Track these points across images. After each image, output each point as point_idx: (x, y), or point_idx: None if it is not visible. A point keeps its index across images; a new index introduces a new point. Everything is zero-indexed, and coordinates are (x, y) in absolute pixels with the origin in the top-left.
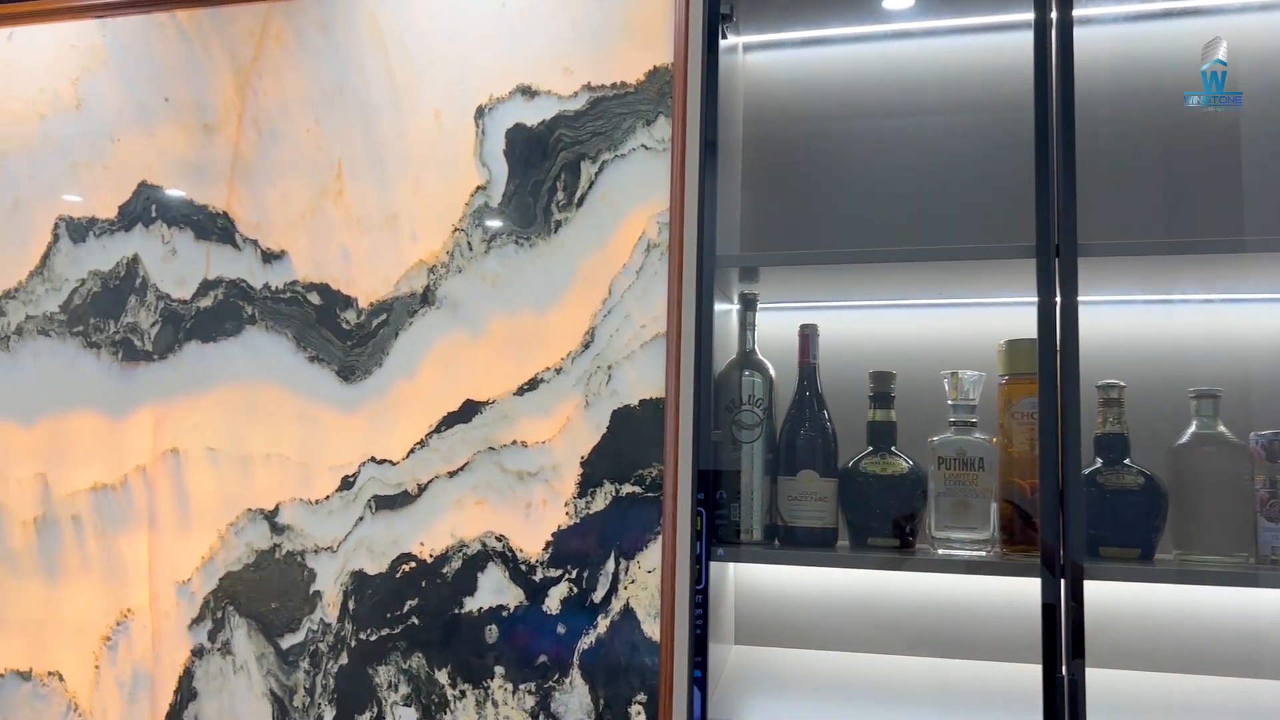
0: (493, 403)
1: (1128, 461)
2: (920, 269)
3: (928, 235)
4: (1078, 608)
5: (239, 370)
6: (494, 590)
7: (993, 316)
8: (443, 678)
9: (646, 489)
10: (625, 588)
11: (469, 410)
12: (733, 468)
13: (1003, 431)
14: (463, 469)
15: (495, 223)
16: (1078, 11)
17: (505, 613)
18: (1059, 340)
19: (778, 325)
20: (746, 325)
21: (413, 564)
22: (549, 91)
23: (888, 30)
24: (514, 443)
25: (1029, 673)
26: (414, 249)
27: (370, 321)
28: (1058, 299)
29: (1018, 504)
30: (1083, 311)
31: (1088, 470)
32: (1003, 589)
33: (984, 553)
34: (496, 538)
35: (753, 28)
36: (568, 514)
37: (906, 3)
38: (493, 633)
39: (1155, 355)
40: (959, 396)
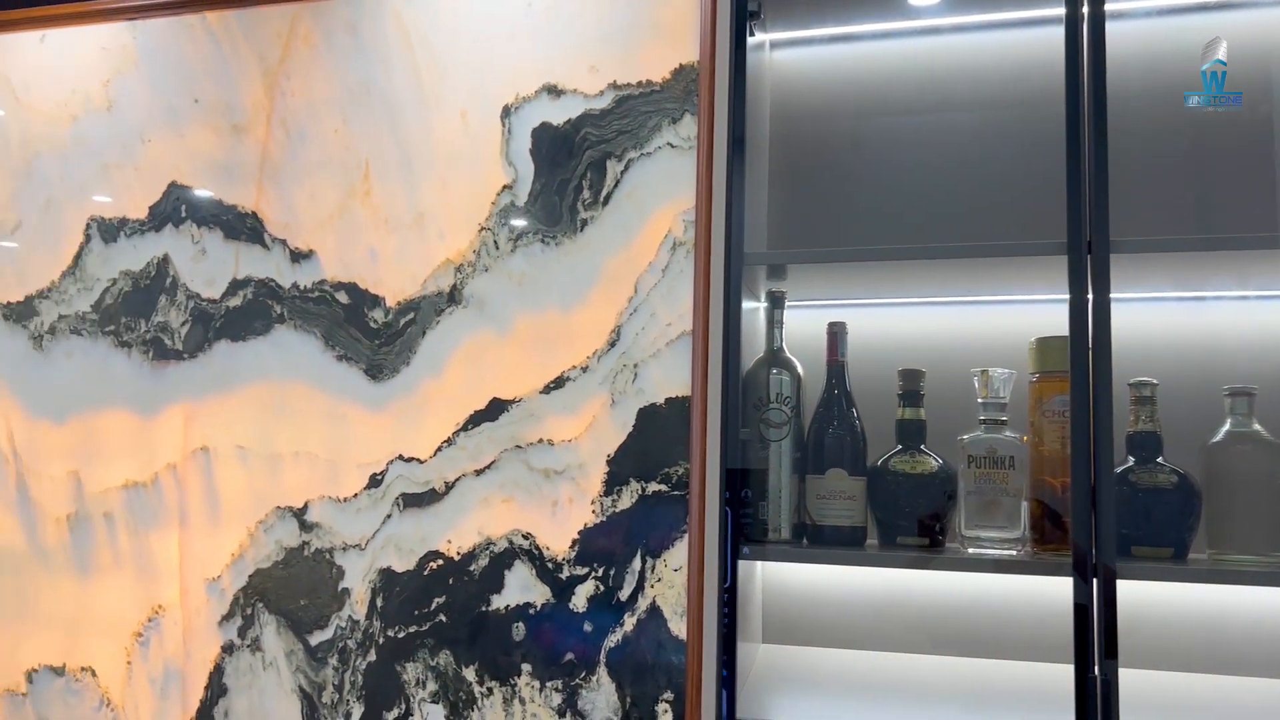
0: (519, 401)
1: (1160, 460)
2: (950, 266)
3: (956, 232)
4: (1110, 608)
5: (268, 369)
6: (521, 588)
7: (1023, 314)
8: (470, 675)
9: (673, 487)
10: (652, 586)
11: (496, 409)
12: (760, 466)
13: (1033, 430)
14: (489, 467)
15: (521, 222)
16: (1110, 6)
17: (532, 610)
18: (1091, 337)
19: (806, 323)
20: (774, 323)
21: (440, 561)
22: (575, 90)
23: (916, 26)
24: (540, 441)
25: (1060, 673)
26: (441, 248)
27: (398, 320)
28: (1090, 295)
29: (1048, 503)
30: (1115, 308)
31: (1120, 469)
32: (1033, 588)
33: (1014, 552)
34: (523, 536)
35: (779, 25)
36: (594, 512)
37: None
38: (520, 630)
39: (1188, 352)
40: (989, 394)
